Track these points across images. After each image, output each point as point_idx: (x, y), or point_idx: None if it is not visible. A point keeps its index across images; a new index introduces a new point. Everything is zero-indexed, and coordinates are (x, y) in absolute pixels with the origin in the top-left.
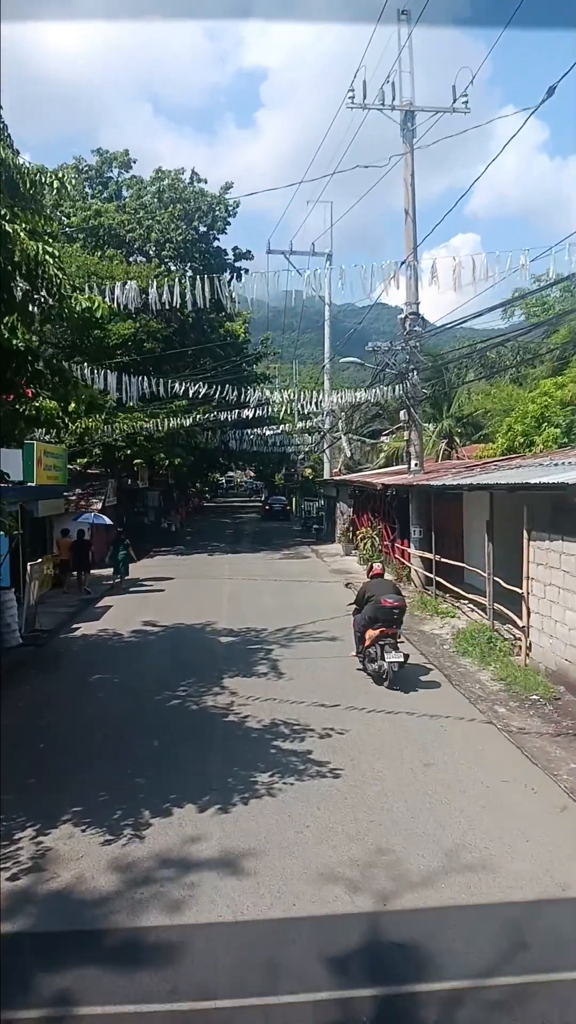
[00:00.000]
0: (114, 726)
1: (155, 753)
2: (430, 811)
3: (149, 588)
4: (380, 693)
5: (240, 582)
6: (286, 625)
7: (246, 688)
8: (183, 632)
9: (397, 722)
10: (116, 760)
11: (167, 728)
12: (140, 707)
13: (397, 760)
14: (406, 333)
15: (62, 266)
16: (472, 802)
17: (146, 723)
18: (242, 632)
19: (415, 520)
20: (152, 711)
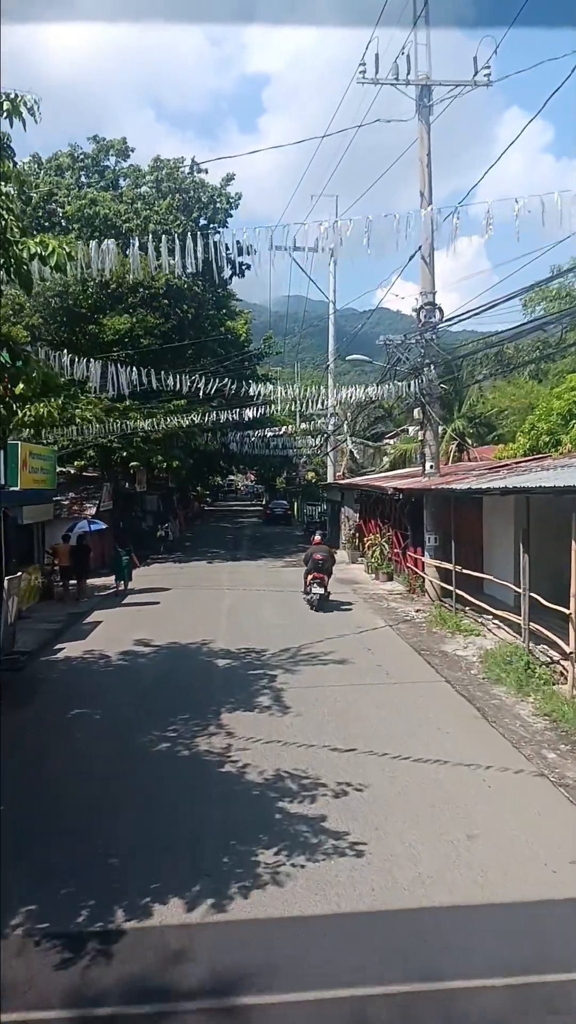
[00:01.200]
0: (89, 781)
1: (136, 821)
2: (486, 918)
3: (143, 601)
4: (404, 735)
5: (240, 593)
6: (290, 645)
7: (246, 726)
8: (177, 654)
9: (427, 773)
10: (88, 831)
11: (152, 783)
12: (122, 754)
13: (433, 829)
14: (421, 325)
15: (10, 205)
16: (537, 891)
17: (128, 776)
18: (242, 654)
19: (430, 527)
20: (136, 758)
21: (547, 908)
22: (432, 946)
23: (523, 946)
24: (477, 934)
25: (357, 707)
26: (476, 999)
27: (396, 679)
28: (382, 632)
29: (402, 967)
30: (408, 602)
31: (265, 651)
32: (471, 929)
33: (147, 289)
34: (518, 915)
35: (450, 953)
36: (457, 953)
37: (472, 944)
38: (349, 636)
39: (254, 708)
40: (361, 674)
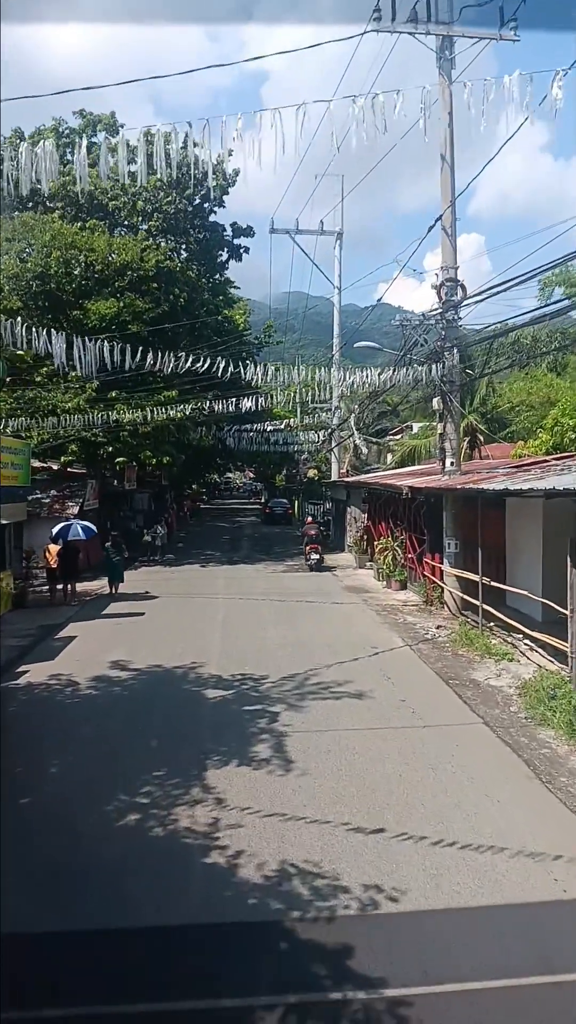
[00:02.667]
0: (26, 884)
1: (78, 948)
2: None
3: (125, 611)
4: (444, 805)
5: (236, 603)
6: (295, 671)
7: (240, 788)
8: (159, 681)
9: (481, 869)
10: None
11: (110, 882)
12: (76, 833)
13: (500, 963)
14: (442, 304)
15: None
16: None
17: (78, 874)
18: (237, 682)
19: (450, 531)
20: (92, 841)
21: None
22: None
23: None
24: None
25: (381, 762)
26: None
27: (424, 720)
28: (401, 654)
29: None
30: (426, 615)
31: (265, 678)
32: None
33: (135, 271)
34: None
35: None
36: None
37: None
38: (363, 659)
39: (250, 761)
40: (382, 713)
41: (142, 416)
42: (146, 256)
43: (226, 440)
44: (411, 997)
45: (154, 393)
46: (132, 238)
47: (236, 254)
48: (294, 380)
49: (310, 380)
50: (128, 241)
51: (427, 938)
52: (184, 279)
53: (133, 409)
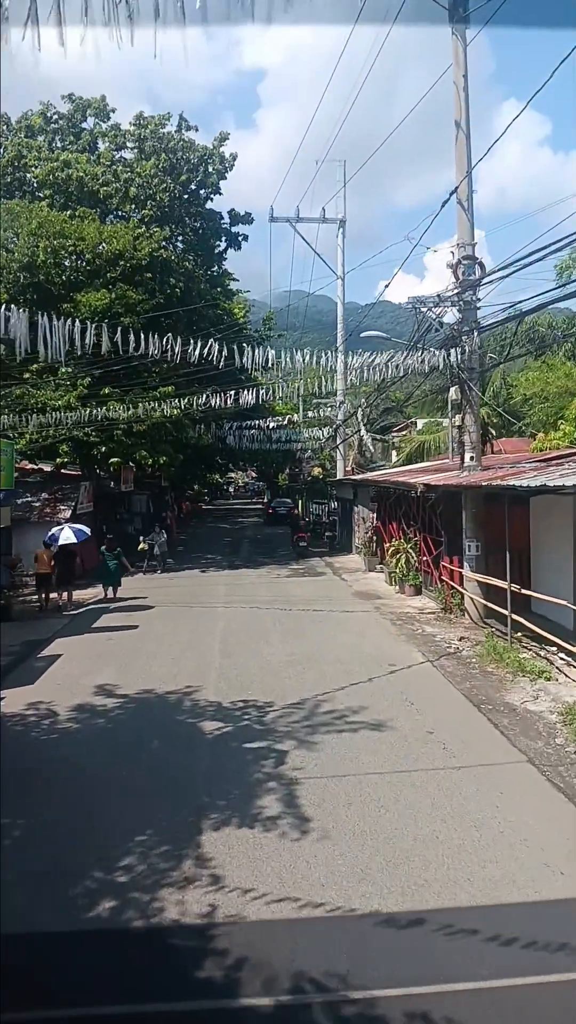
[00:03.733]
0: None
1: None
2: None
3: (117, 624)
4: (497, 879)
5: (238, 613)
6: (304, 696)
7: (243, 860)
8: (150, 711)
9: (563, 995)
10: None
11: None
12: (29, 932)
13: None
14: (459, 283)
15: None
16: None
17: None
18: (239, 711)
19: (470, 532)
20: (51, 947)
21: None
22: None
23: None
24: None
25: (412, 818)
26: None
27: (458, 757)
28: (422, 672)
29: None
30: (445, 625)
31: (270, 706)
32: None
33: (128, 261)
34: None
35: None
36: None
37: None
38: (381, 678)
39: (255, 821)
40: (408, 749)
41: (137, 414)
42: (139, 244)
43: (226, 438)
44: (412, 997)
45: (149, 389)
46: (124, 225)
47: (234, 242)
48: (297, 365)
49: (314, 365)
50: (120, 228)
51: (427, 937)
52: (180, 269)
53: (127, 406)
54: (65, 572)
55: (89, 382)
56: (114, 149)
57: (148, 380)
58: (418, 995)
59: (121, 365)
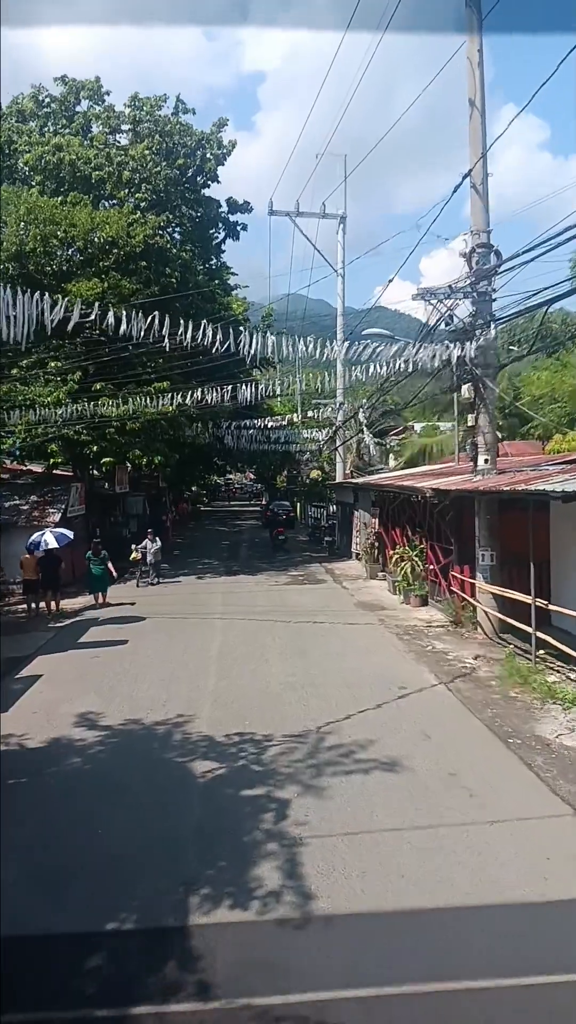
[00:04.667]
0: None
1: None
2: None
3: (105, 639)
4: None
5: (235, 626)
6: (307, 726)
7: (234, 958)
8: (134, 747)
9: None
10: None
11: None
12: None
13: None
14: (472, 273)
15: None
16: None
17: None
18: (234, 746)
19: (484, 540)
20: None
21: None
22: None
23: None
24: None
25: (443, 893)
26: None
27: (488, 808)
28: (437, 697)
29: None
30: (457, 640)
31: (269, 741)
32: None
33: (121, 248)
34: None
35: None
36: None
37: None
38: (392, 705)
39: (250, 898)
40: (428, 796)
41: (130, 410)
42: (133, 231)
43: (224, 438)
44: (412, 996)
45: (144, 385)
46: (117, 211)
47: (233, 232)
48: (299, 351)
49: (315, 352)
50: (113, 214)
51: (428, 937)
52: (176, 258)
53: (120, 403)
54: (50, 579)
55: (80, 377)
56: (108, 132)
57: (142, 375)
58: (418, 995)
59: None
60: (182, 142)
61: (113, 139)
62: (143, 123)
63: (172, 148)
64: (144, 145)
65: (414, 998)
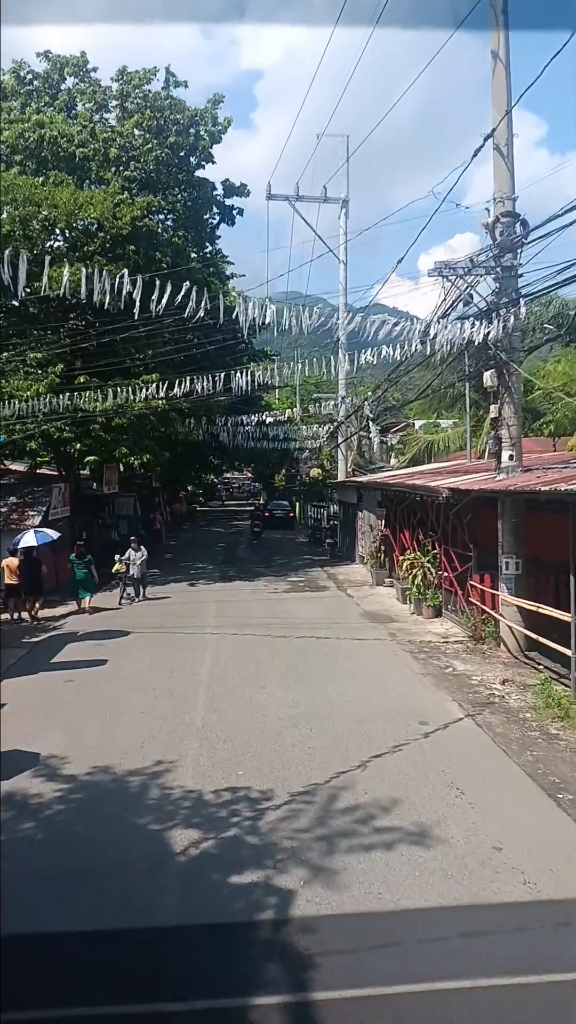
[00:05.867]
0: None
1: None
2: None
3: (82, 659)
4: None
5: (229, 642)
6: (314, 778)
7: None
8: (99, 807)
9: None
10: None
11: None
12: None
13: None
14: (496, 245)
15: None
16: None
17: None
18: (224, 807)
19: (509, 546)
20: None
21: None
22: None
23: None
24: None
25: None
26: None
27: (556, 907)
28: (464, 734)
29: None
30: (478, 659)
31: (267, 799)
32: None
33: (108, 231)
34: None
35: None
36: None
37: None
38: (412, 746)
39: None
40: (471, 884)
41: (116, 405)
42: (120, 212)
43: (219, 435)
44: (412, 995)
45: (131, 378)
46: (103, 191)
47: (228, 217)
48: (303, 324)
49: (318, 321)
50: (98, 194)
51: (427, 937)
52: (167, 243)
53: (105, 397)
54: (31, 584)
55: (62, 369)
56: (94, 109)
57: (130, 367)
58: (418, 995)
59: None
60: (173, 119)
61: (99, 116)
62: (131, 98)
63: (163, 125)
64: (133, 121)
65: (414, 998)
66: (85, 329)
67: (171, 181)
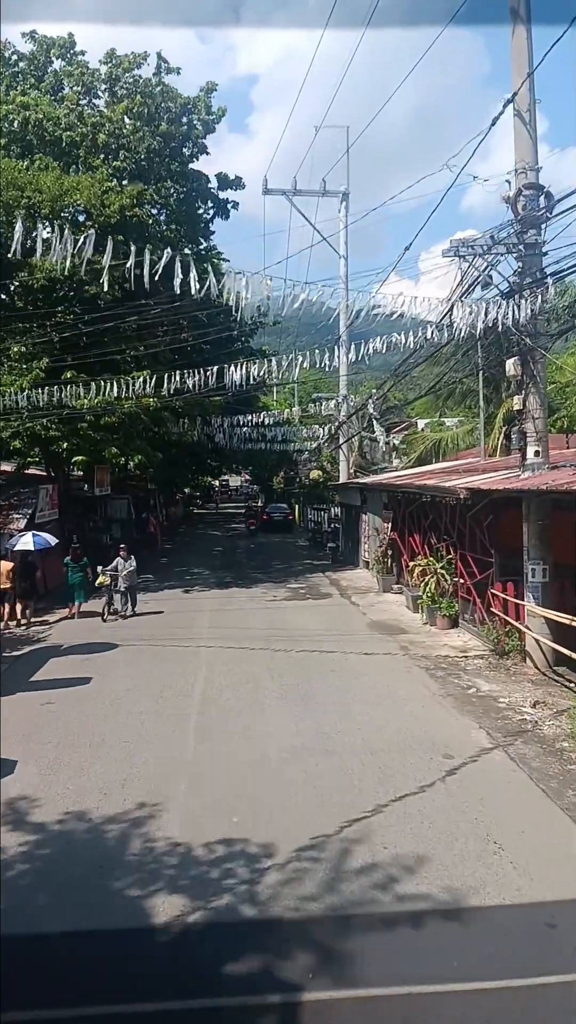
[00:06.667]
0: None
1: None
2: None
3: (63, 677)
4: None
5: (224, 658)
6: (321, 828)
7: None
8: (70, 865)
9: None
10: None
11: None
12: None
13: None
14: (518, 220)
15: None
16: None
17: None
18: (216, 867)
19: (535, 551)
20: None
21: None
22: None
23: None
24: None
25: None
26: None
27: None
28: (495, 769)
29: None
30: (503, 676)
31: (269, 853)
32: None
33: (95, 220)
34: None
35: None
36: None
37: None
38: (437, 787)
39: None
40: (525, 968)
41: (105, 402)
42: (108, 199)
43: (215, 437)
44: (412, 996)
45: (121, 374)
46: (90, 176)
47: (223, 211)
48: (299, 298)
49: (319, 297)
50: (84, 179)
51: (427, 937)
52: (159, 236)
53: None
54: (26, 588)
55: (47, 364)
56: (81, 92)
57: (120, 362)
58: (418, 995)
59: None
60: (165, 106)
61: (87, 100)
62: (120, 82)
63: (154, 112)
64: (123, 106)
65: (414, 998)
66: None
67: (163, 172)
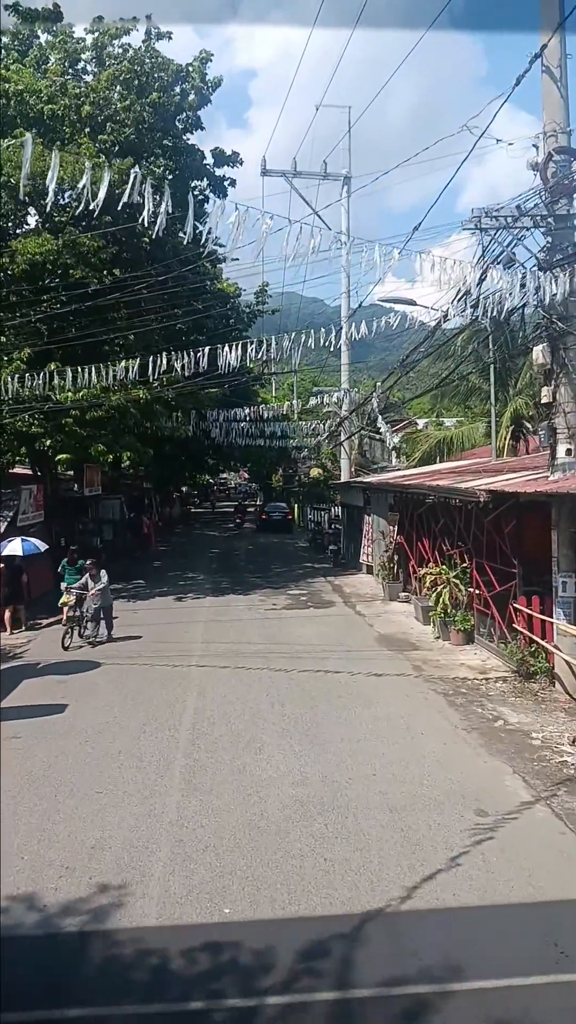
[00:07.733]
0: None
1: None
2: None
3: (35, 704)
4: None
5: (217, 680)
6: (335, 927)
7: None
8: (10, 980)
9: None
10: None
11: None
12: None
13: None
14: (548, 188)
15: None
16: None
17: None
18: (200, 984)
19: (566, 562)
20: None
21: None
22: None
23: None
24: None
25: None
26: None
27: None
28: (541, 831)
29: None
30: (532, 704)
31: (267, 959)
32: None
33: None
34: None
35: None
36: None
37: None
38: (473, 855)
39: None
40: None
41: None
42: (95, 176)
43: (211, 432)
44: (412, 997)
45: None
46: (74, 150)
47: (219, 188)
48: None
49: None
50: (67, 155)
51: (427, 937)
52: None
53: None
54: (12, 593)
55: (28, 355)
56: (66, 62)
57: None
58: (418, 995)
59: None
60: (156, 76)
61: (72, 71)
62: (107, 49)
63: (144, 83)
64: (108, 73)
65: (414, 998)
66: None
67: (154, 147)
